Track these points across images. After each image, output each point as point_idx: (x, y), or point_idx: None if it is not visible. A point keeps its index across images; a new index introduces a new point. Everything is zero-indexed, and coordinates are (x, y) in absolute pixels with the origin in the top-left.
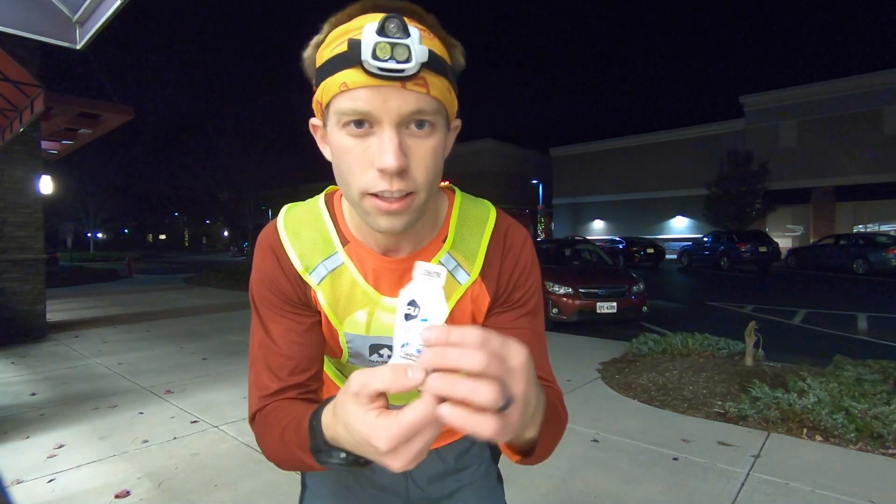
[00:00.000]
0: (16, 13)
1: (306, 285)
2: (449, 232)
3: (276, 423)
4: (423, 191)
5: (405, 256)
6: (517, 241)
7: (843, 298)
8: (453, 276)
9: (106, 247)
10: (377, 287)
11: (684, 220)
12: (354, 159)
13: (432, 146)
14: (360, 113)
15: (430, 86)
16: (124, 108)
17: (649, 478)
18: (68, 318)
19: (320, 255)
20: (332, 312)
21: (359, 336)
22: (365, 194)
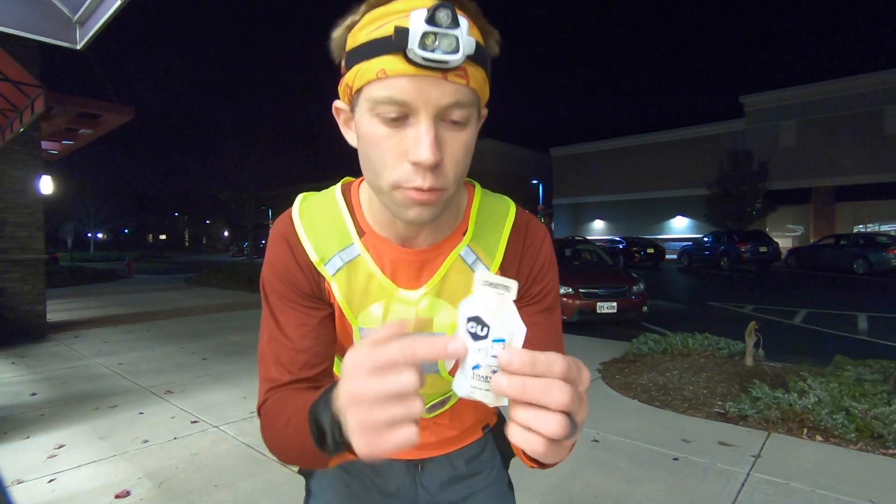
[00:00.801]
0: (16, 13)
1: (320, 277)
2: (469, 225)
3: (283, 411)
4: (452, 186)
5: (424, 248)
6: (537, 236)
7: (843, 298)
8: (472, 270)
9: (106, 247)
10: (394, 279)
11: (684, 220)
12: (387, 150)
13: (465, 140)
14: (397, 102)
15: (470, 77)
16: (124, 108)
17: (649, 478)
18: (68, 318)
19: (336, 245)
20: (347, 305)
21: (374, 331)
22: (397, 187)
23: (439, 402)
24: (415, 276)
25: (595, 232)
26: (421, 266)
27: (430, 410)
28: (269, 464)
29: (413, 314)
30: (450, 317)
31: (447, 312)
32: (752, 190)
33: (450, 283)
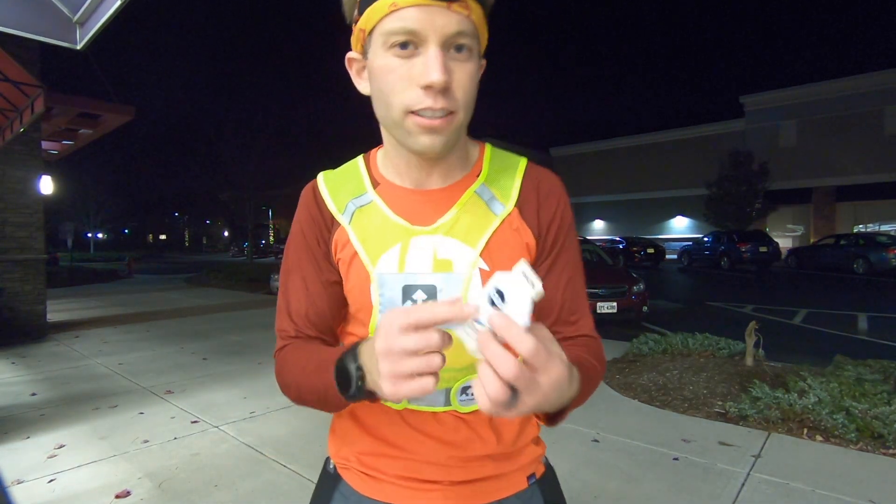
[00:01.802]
0: (16, 13)
1: (333, 230)
2: (483, 167)
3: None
4: (462, 111)
5: (437, 188)
6: (553, 184)
7: (843, 298)
8: (489, 206)
9: (106, 247)
10: (407, 219)
11: (684, 220)
12: (398, 78)
13: (470, 70)
14: (408, 31)
15: (472, 10)
16: (124, 108)
17: (649, 478)
18: (69, 319)
19: (351, 195)
20: (364, 250)
21: (392, 276)
22: (407, 112)
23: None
24: (429, 214)
25: (595, 232)
26: (435, 205)
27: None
28: (269, 464)
29: (431, 255)
30: (467, 258)
31: (465, 252)
32: (752, 190)
33: (465, 217)
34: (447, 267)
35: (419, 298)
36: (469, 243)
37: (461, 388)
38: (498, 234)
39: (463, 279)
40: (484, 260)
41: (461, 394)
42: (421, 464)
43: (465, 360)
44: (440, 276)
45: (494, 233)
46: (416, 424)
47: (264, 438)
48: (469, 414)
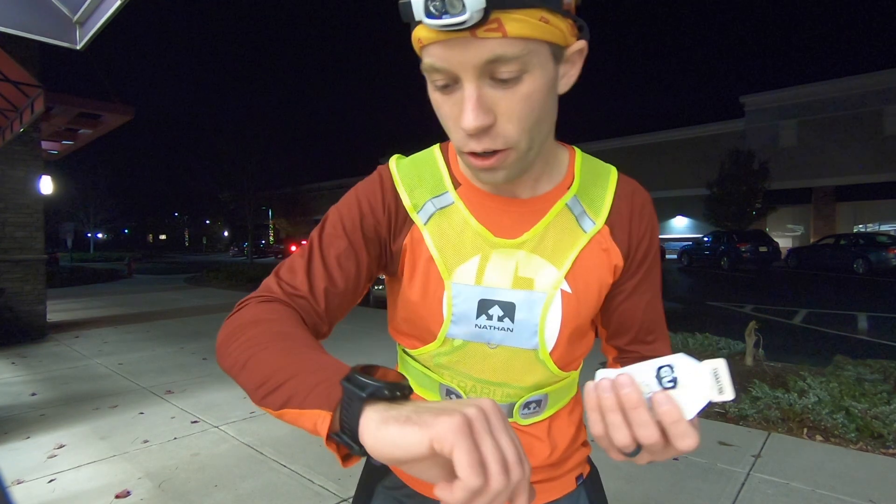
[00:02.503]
0: (16, 13)
1: (401, 231)
2: (575, 178)
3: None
4: (521, 144)
5: (525, 199)
6: (646, 198)
7: (843, 298)
8: (578, 222)
9: (106, 247)
10: (490, 228)
11: (684, 220)
12: (446, 116)
13: (524, 93)
14: (439, 70)
15: (507, 27)
16: (124, 108)
17: (649, 478)
18: (69, 319)
19: (430, 192)
20: (441, 258)
21: (467, 287)
22: (461, 152)
23: (535, 403)
24: (514, 226)
25: None
26: (521, 216)
27: (524, 413)
28: (269, 464)
29: (512, 270)
30: (551, 278)
31: (548, 272)
32: (752, 190)
33: (553, 233)
34: (528, 285)
35: (495, 314)
36: (554, 263)
37: (525, 403)
38: (585, 254)
39: (544, 300)
40: (568, 282)
41: (524, 408)
42: None
43: (532, 379)
44: (520, 293)
45: (581, 252)
46: None
47: (264, 438)
48: (528, 426)
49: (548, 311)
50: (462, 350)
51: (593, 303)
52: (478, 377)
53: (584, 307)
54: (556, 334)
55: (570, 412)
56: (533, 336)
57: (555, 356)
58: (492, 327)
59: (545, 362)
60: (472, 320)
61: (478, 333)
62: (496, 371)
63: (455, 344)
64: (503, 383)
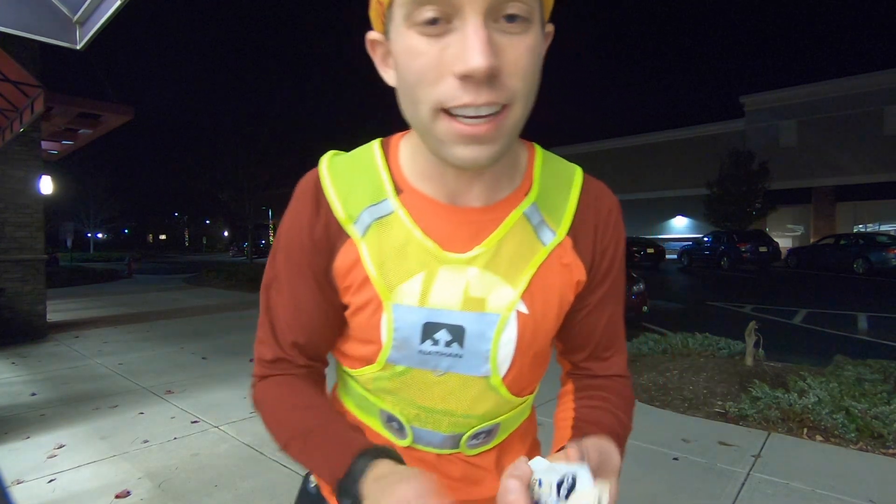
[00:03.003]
0: (16, 13)
1: (337, 243)
2: (534, 182)
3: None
4: (519, 103)
5: (477, 207)
6: (612, 202)
7: (843, 298)
8: (536, 233)
9: (106, 247)
10: (439, 241)
11: (684, 220)
12: (427, 66)
13: (530, 44)
14: (431, 2)
15: None
16: (124, 108)
17: (649, 478)
18: (69, 319)
19: (366, 200)
20: (380, 276)
21: (411, 310)
22: (438, 111)
23: (485, 433)
24: (465, 238)
25: None
26: (473, 227)
27: (471, 444)
28: (269, 464)
29: (462, 289)
30: (505, 298)
31: (503, 291)
32: (752, 190)
33: (508, 247)
34: (479, 306)
35: (442, 339)
36: (509, 281)
37: (473, 434)
38: (544, 270)
39: (497, 322)
40: (525, 301)
41: (472, 439)
42: None
43: (483, 408)
44: (471, 315)
45: (540, 267)
46: (416, 463)
47: (264, 438)
48: (476, 457)
49: (501, 335)
50: (404, 376)
51: (552, 323)
52: (422, 405)
53: (542, 329)
54: (510, 359)
55: (521, 437)
56: (485, 362)
57: (508, 382)
58: (438, 353)
59: (497, 389)
60: (416, 346)
61: (422, 360)
62: (443, 399)
63: (397, 370)
64: (450, 412)
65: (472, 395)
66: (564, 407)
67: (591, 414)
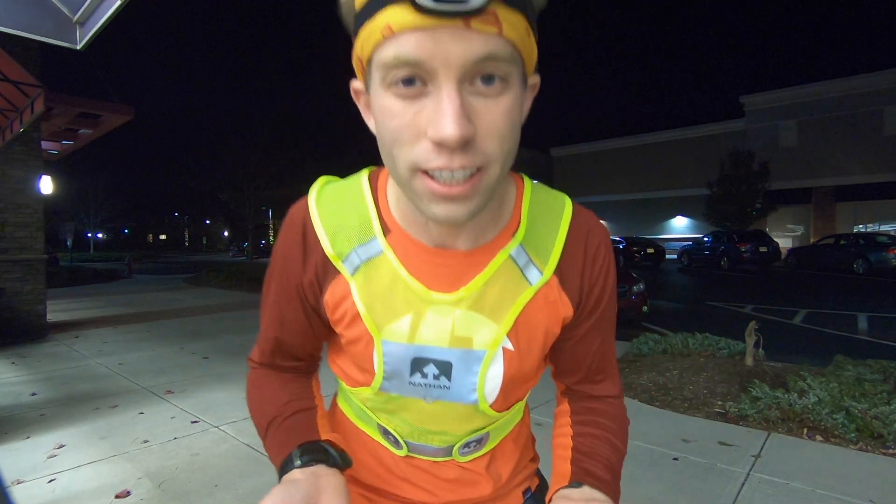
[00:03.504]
0: (16, 13)
1: (326, 277)
2: (521, 222)
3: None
4: (494, 165)
5: (464, 251)
6: (602, 236)
7: (843, 298)
8: (523, 273)
9: (106, 247)
10: (426, 283)
11: (684, 220)
12: (402, 127)
13: (506, 107)
14: (408, 63)
15: (504, 23)
16: (124, 108)
17: (649, 478)
18: (69, 319)
19: (355, 240)
20: (369, 314)
21: (400, 346)
22: (416, 171)
23: (476, 441)
24: (451, 280)
25: None
26: (458, 269)
27: (464, 452)
28: (269, 464)
29: (448, 328)
30: (491, 335)
31: (488, 330)
32: (752, 190)
33: (494, 288)
34: (466, 343)
35: (430, 373)
36: (495, 320)
37: (464, 444)
38: (530, 308)
39: (483, 358)
40: (510, 339)
41: (464, 447)
42: (416, 488)
43: (472, 426)
44: (457, 352)
45: (526, 307)
46: (413, 469)
47: None
48: (468, 462)
49: (487, 370)
50: (397, 401)
51: (537, 356)
52: (414, 425)
53: (528, 362)
54: (496, 390)
55: (514, 438)
56: (472, 392)
57: (496, 407)
58: (427, 385)
59: (485, 412)
60: (406, 378)
61: (412, 390)
62: (434, 421)
63: (390, 395)
64: (442, 431)
65: (460, 417)
66: (562, 432)
67: (588, 444)
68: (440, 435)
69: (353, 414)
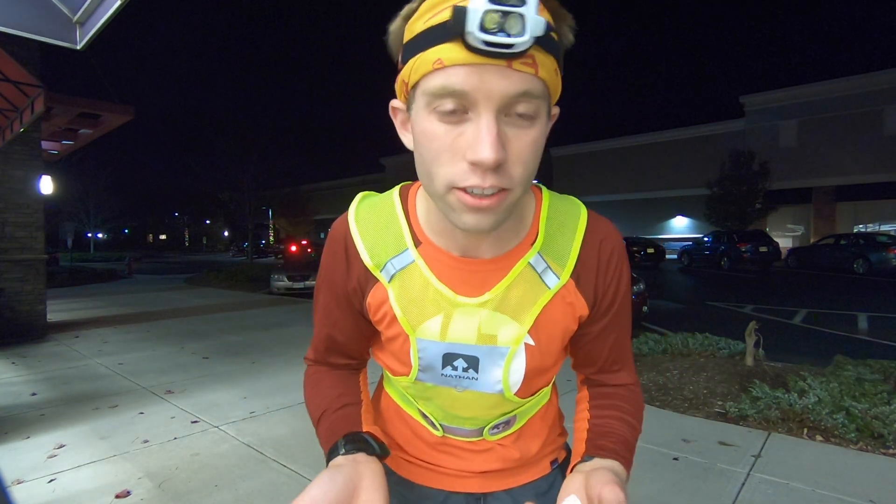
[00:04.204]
0: (16, 13)
1: (368, 285)
2: (539, 232)
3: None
4: (518, 188)
5: (487, 259)
6: (616, 242)
7: (843, 298)
8: (542, 278)
9: (106, 247)
10: (454, 288)
11: (684, 220)
12: (443, 148)
13: (533, 138)
14: (455, 93)
15: (539, 65)
16: (124, 108)
17: (649, 478)
18: (69, 319)
19: (390, 252)
20: (404, 315)
21: (432, 343)
22: (451, 188)
23: (504, 423)
24: (476, 285)
25: None
26: (483, 276)
27: (493, 432)
28: (269, 464)
29: (476, 327)
30: (514, 333)
31: (511, 328)
32: (752, 190)
33: (516, 292)
34: (491, 340)
35: (460, 366)
36: (517, 319)
37: (493, 426)
38: (548, 309)
39: (507, 353)
40: (531, 335)
41: (493, 429)
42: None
43: (500, 411)
44: (484, 348)
45: (545, 308)
46: (449, 448)
47: (264, 438)
48: (498, 440)
49: (511, 363)
50: (432, 390)
51: (557, 349)
52: (448, 411)
53: (548, 355)
54: (520, 381)
55: (541, 417)
56: (497, 384)
57: (520, 394)
58: (457, 377)
59: (511, 399)
60: (438, 370)
61: (444, 381)
62: (465, 408)
63: (426, 385)
64: (472, 417)
65: (489, 405)
66: (581, 416)
67: (603, 425)
68: (471, 419)
69: (398, 396)
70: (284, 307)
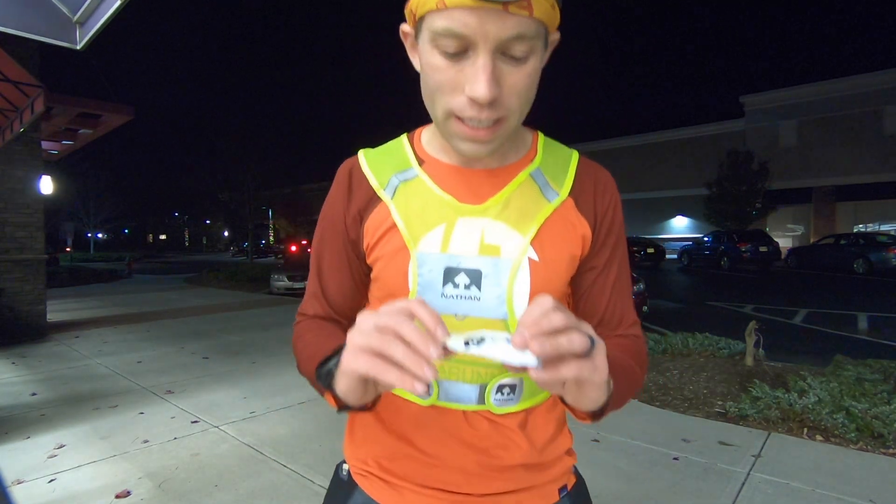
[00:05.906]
0: (16, 13)
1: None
2: (537, 152)
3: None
4: (514, 116)
5: (488, 169)
6: (608, 178)
7: (843, 298)
8: (542, 192)
9: (106, 247)
10: (456, 196)
11: (684, 220)
12: (444, 80)
13: (528, 72)
14: (455, 35)
15: (535, 6)
16: (124, 108)
17: (649, 478)
18: (69, 319)
19: (394, 170)
20: (406, 227)
21: (433, 256)
22: (450, 115)
23: (510, 387)
24: (479, 192)
25: None
26: (485, 183)
27: (497, 399)
28: (269, 464)
29: (478, 237)
30: (517, 244)
31: (514, 239)
32: (752, 190)
33: (517, 201)
34: (494, 251)
35: (461, 283)
36: (519, 230)
37: (497, 387)
38: (550, 223)
39: (511, 266)
40: (535, 248)
41: (496, 392)
42: (447, 471)
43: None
44: (487, 259)
45: (547, 220)
46: (444, 425)
47: (264, 438)
48: (502, 416)
49: (515, 278)
50: None
51: (563, 272)
52: None
53: (554, 276)
54: (525, 304)
55: (548, 409)
56: (501, 305)
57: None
58: (458, 297)
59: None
60: (439, 289)
61: (444, 305)
62: None
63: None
64: (473, 360)
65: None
66: None
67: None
68: (472, 365)
69: None
70: (284, 307)
